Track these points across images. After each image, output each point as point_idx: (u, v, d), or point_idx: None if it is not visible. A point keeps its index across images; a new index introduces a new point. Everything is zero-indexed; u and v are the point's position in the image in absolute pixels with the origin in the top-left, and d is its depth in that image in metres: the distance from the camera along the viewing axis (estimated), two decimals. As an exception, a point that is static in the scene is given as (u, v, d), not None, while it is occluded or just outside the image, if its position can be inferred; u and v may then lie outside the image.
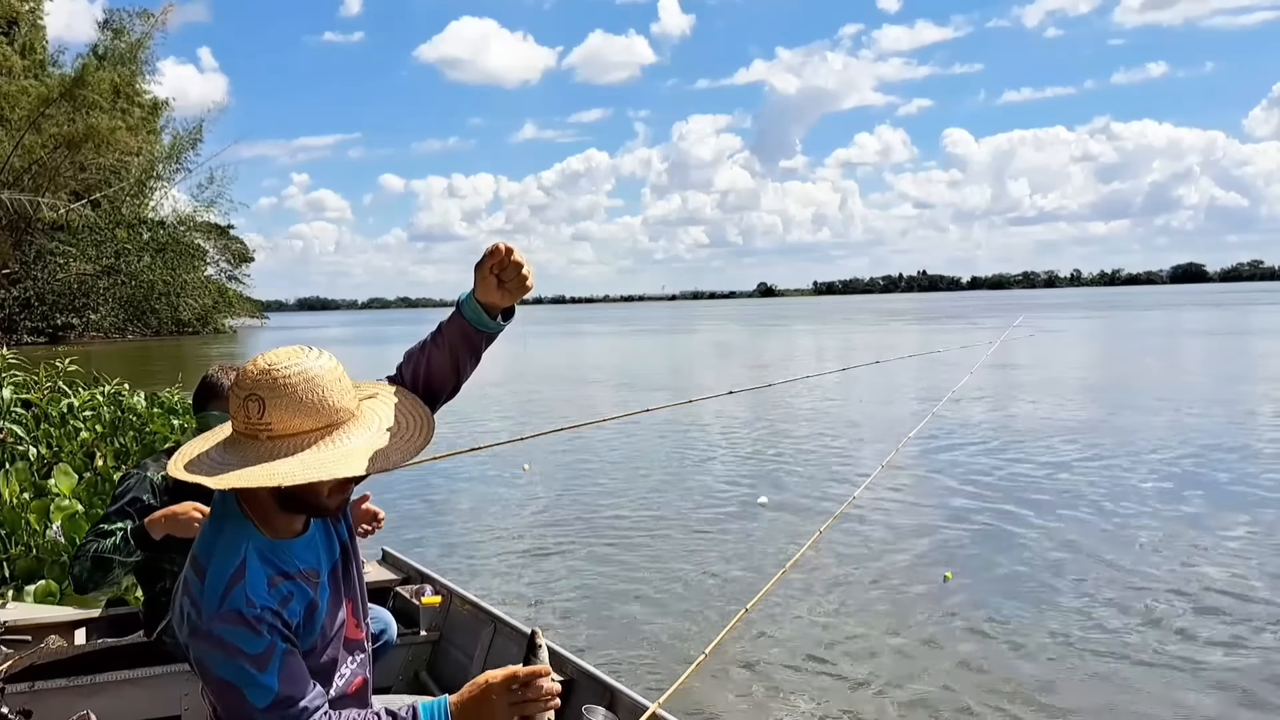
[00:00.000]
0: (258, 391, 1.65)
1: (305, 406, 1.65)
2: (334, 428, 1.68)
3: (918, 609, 5.40)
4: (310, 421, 1.66)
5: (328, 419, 1.67)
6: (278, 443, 1.64)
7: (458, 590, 3.87)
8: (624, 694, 2.84)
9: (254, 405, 1.65)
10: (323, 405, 1.67)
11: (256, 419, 1.65)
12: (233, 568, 1.69)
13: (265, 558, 1.73)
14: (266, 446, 1.64)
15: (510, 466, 10.15)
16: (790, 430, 12.66)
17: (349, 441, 1.67)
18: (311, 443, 1.65)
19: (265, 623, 1.67)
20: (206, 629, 1.65)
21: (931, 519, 7.42)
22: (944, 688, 4.34)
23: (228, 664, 1.64)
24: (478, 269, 1.82)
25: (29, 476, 7.05)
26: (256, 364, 1.68)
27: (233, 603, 1.66)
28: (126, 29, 52.92)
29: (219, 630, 1.64)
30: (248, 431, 1.67)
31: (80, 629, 3.63)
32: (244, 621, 1.65)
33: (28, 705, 2.80)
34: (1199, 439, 10.81)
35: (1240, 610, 5.22)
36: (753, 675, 4.51)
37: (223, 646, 1.64)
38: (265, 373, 1.66)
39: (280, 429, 1.65)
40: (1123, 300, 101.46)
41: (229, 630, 1.64)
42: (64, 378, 10.79)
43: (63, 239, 49.06)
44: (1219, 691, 4.24)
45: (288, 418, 1.64)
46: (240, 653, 1.63)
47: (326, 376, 1.68)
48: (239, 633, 1.64)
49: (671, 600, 5.67)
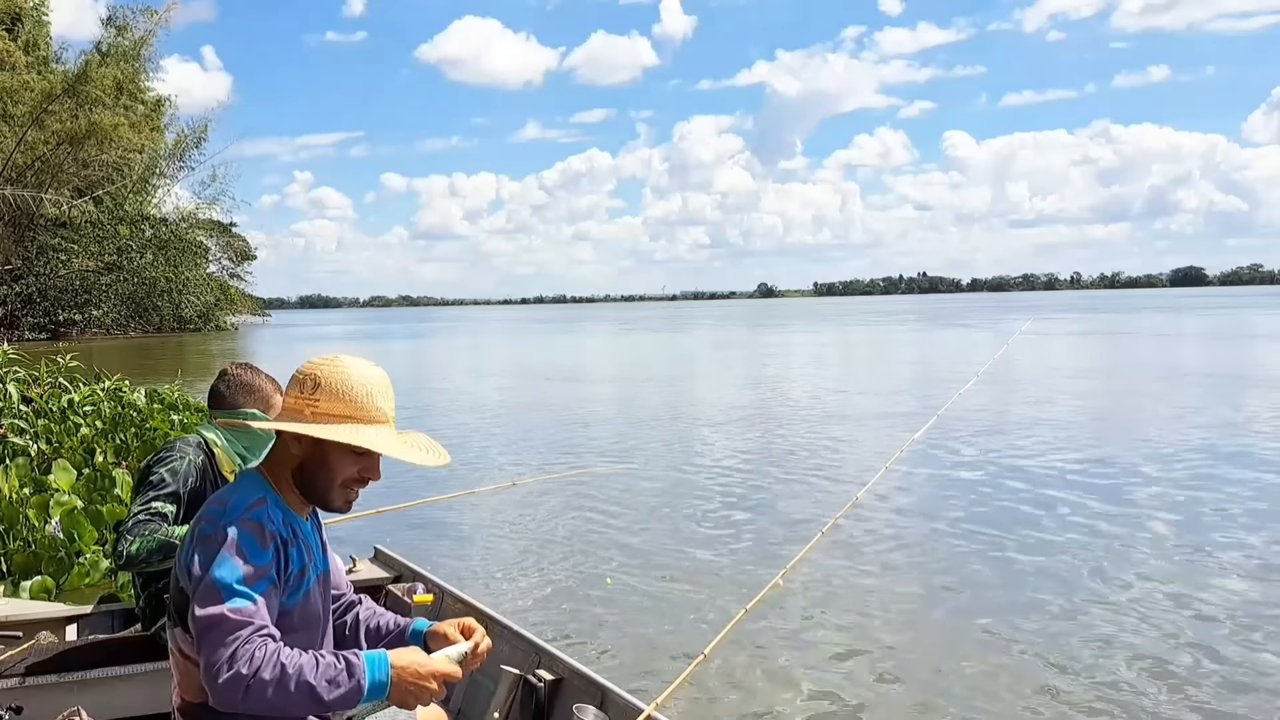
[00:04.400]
0: (316, 373, 1.92)
1: (350, 397, 1.91)
2: (369, 423, 1.92)
3: (917, 613, 5.39)
4: (350, 410, 1.90)
5: (367, 415, 1.92)
6: (320, 419, 1.89)
7: (450, 588, 3.87)
8: (615, 693, 2.84)
9: (309, 383, 1.92)
10: (365, 401, 1.92)
11: (309, 395, 1.91)
12: (255, 498, 1.88)
13: (281, 507, 1.92)
14: (308, 423, 1.89)
15: (507, 468, 10.13)
16: (791, 432, 12.65)
17: (377, 434, 1.91)
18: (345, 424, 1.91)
19: (274, 545, 1.82)
20: (225, 525, 1.79)
21: (932, 523, 7.40)
22: (943, 692, 4.33)
23: (228, 565, 1.75)
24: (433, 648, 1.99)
25: (29, 472, 7.05)
26: (323, 356, 1.97)
27: (255, 515, 1.83)
28: (130, 26, 53.06)
29: (236, 529, 1.79)
30: (295, 407, 1.92)
31: (72, 625, 3.63)
32: (260, 531, 1.80)
33: (18, 701, 2.80)
34: (1205, 442, 10.79)
35: (1241, 616, 5.21)
36: (750, 678, 4.49)
37: (233, 547, 1.76)
38: (328, 362, 1.95)
39: (325, 409, 1.90)
40: (1124, 303, 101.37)
41: (244, 534, 1.79)
42: (64, 374, 10.81)
43: (65, 235, 49.06)
44: (1220, 695, 4.23)
45: (333, 401, 1.90)
46: (243, 559, 1.76)
47: (377, 382, 1.95)
48: (251, 540, 1.78)
49: (668, 602, 5.65)
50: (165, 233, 55.69)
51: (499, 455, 11.23)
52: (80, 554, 5.89)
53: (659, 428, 13.43)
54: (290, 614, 1.86)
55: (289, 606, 1.86)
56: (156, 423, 9.26)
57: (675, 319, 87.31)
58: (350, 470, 1.93)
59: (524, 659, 3.21)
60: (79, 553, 5.90)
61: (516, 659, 3.22)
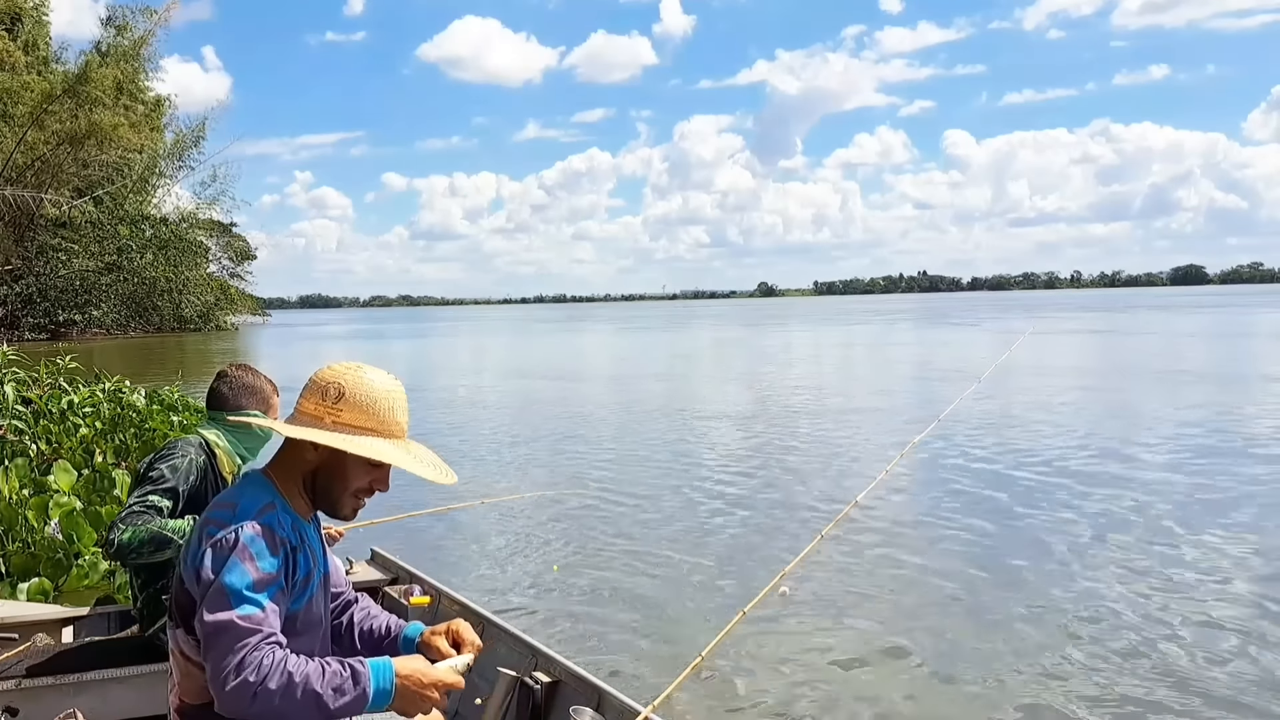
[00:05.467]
0: (340, 382, 1.92)
1: (374, 410, 1.92)
2: (389, 437, 1.94)
3: (917, 615, 5.37)
4: (373, 423, 1.92)
5: (388, 429, 1.93)
6: (341, 429, 1.90)
7: (446, 590, 3.87)
8: (612, 695, 2.84)
9: (332, 391, 1.92)
10: (388, 416, 1.94)
11: (332, 404, 1.91)
12: (264, 502, 1.88)
13: (289, 512, 1.93)
14: (329, 431, 1.89)
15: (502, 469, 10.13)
16: (792, 432, 12.63)
17: (396, 449, 1.93)
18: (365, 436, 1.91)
19: (283, 551, 1.82)
20: (235, 529, 1.79)
21: (934, 525, 7.39)
22: (943, 693, 4.33)
23: (238, 571, 1.75)
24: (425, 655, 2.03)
25: (28, 473, 7.05)
26: (345, 364, 1.97)
27: (266, 520, 1.83)
28: (129, 26, 53.04)
29: (247, 535, 1.78)
30: (316, 413, 1.92)
31: (68, 627, 3.63)
32: (270, 537, 1.81)
33: (14, 703, 2.80)
34: (1210, 445, 10.78)
35: (1249, 615, 5.21)
36: (748, 680, 4.48)
37: (244, 552, 1.76)
38: (351, 371, 1.95)
39: (347, 419, 1.91)
40: (1125, 302, 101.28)
41: (255, 539, 1.79)
42: (64, 374, 10.80)
43: (65, 235, 49.08)
44: (1227, 693, 4.23)
45: (356, 412, 1.91)
46: (254, 565, 1.76)
47: (398, 396, 1.97)
48: (262, 546, 1.79)
49: (666, 604, 5.64)
50: (165, 233, 55.72)
51: (498, 454, 11.22)
52: (79, 555, 5.88)
53: (658, 427, 13.42)
54: (294, 618, 1.87)
55: (293, 611, 1.87)
56: (156, 424, 9.26)
57: (675, 318, 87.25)
58: (364, 481, 1.97)
59: (520, 661, 3.21)
60: (78, 554, 5.89)
61: (513, 661, 3.22)
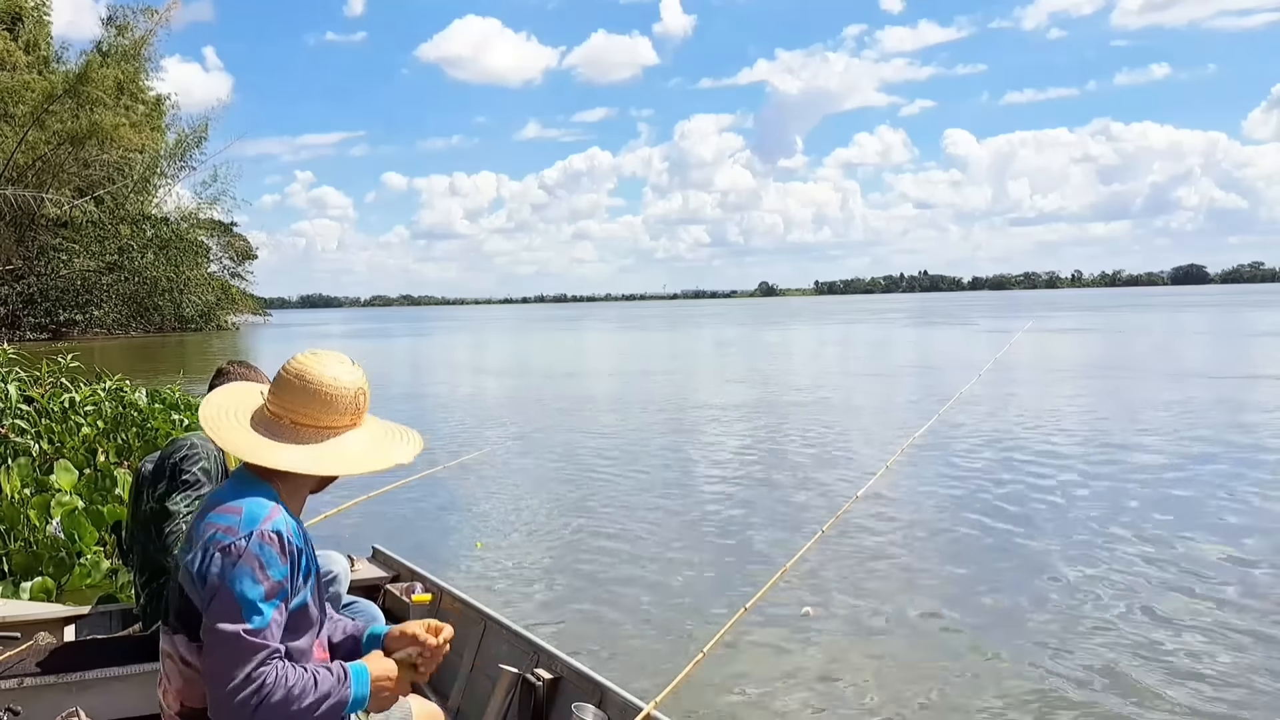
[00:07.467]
0: (308, 382, 1.91)
1: (339, 408, 1.92)
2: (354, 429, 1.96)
3: (917, 612, 5.38)
4: (345, 419, 1.94)
5: (349, 421, 1.94)
6: (302, 430, 1.90)
7: (448, 588, 3.88)
8: (613, 692, 2.84)
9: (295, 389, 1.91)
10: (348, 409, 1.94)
11: (287, 404, 1.91)
12: (269, 507, 1.86)
13: (291, 516, 1.92)
14: (291, 430, 1.90)
15: (503, 467, 10.13)
16: (792, 431, 12.64)
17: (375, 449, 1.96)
18: (327, 437, 1.92)
19: (290, 558, 1.82)
20: (245, 540, 1.78)
21: (933, 522, 7.40)
22: (943, 692, 4.33)
23: (249, 580, 1.75)
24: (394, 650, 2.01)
25: (30, 472, 7.05)
26: (304, 357, 1.95)
27: (275, 526, 1.82)
28: (130, 26, 53.14)
29: (257, 545, 1.77)
30: (277, 412, 1.92)
31: (70, 625, 3.63)
32: (280, 545, 1.80)
33: (16, 702, 2.80)
34: (1211, 443, 10.79)
35: (1248, 614, 5.21)
36: (749, 677, 4.49)
37: (253, 560, 1.76)
38: (314, 365, 1.93)
39: (325, 422, 1.92)
40: (1125, 301, 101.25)
41: (265, 547, 1.78)
42: (65, 374, 10.80)
43: (66, 235, 49.12)
44: (1226, 693, 4.23)
45: (334, 415, 1.92)
46: (263, 574, 1.76)
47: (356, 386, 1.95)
48: (272, 555, 1.78)
49: (667, 601, 5.65)
50: (166, 232, 55.73)
51: (499, 453, 11.22)
52: (81, 554, 5.89)
53: (659, 425, 13.43)
54: (293, 617, 1.87)
55: (293, 610, 1.87)
56: (158, 423, 9.26)
57: (676, 317, 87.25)
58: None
59: (522, 658, 3.22)
60: (80, 553, 5.89)
61: (515, 658, 3.22)
